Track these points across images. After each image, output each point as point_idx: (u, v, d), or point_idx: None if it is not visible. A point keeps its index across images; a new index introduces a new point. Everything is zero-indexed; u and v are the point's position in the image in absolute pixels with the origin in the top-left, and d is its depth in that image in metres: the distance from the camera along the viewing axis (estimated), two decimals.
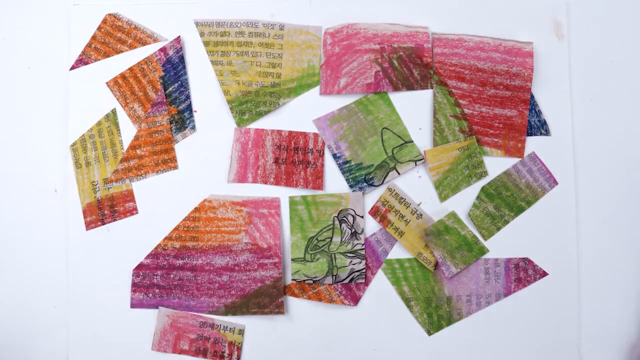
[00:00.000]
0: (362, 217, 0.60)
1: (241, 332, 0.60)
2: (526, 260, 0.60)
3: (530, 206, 0.61)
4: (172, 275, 0.60)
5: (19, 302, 0.61)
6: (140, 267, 0.60)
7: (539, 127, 0.61)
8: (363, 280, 0.60)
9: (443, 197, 0.61)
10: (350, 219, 0.60)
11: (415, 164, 0.60)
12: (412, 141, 0.61)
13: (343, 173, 0.60)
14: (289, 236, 0.60)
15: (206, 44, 0.61)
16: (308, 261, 0.60)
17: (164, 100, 0.60)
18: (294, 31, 0.60)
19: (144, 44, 0.61)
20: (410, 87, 0.61)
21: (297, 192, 0.60)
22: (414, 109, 0.61)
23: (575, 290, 0.60)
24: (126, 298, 0.60)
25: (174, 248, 0.60)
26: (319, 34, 0.61)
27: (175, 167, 0.61)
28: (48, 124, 0.62)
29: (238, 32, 0.60)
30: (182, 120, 0.61)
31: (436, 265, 0.60)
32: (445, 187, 0.60)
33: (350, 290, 0.60)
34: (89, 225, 0.60)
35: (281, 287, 0.59)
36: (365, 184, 0.60)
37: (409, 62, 0.60)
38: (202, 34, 0.61)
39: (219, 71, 0.60)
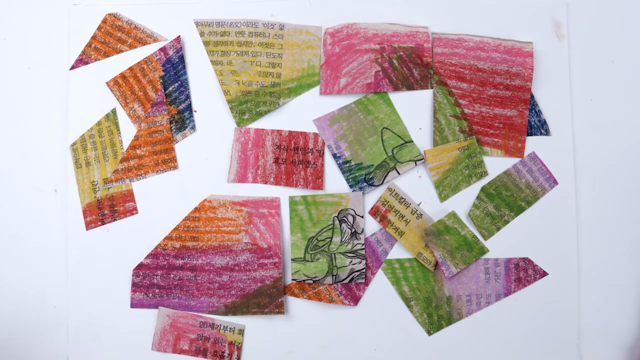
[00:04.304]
0: (362, 217, 0.60)
1: (241, 332, 0.60)
2: (526, 260, 0.60)
3: (530, 206, 0.61)
4: (172, 275, 0.60)
5: (19, 302, 0.61)
6: (140, 267, 0.60)
7: (539, 127, 0.61)
8: (363, 280, 0.60)
9: (443, 197, 0.60)
10: (350, 219, 0.60)
11: (415, 164, 0.60)
12: (412, 141, 0.61)
13: (343, 173, 0.60)
14: (289, 236, 0.60)
15: (206, 43, 0.60)
16: (308, 261, 0.60)
17: (164, 100, 0.60)
18: (294, 31, 0.60)
19: (144, 43, 0.61)
20: (410, 87, 0.61)
21: (297, 192, 0.60)
22: (414, 109, 0.61)
23: (575, 290, 0.60)
24: (126, 298, 0.60)
25: (174, 248, 0.60)
26: (319, 34, 0.61)
27: (175, 167, 0.61)
28: (48, 124, 0.62)
29: (238, 32, 0.60)
30: (182, 120, 0.61)
31: (436, 265, 0.60)
32: (445, 187, 0.60)
33: (350, 290, 0.60)
34: (89, 225, 0.60)
35: (281, 287, 0.59)
36: (365, 184, 0.60)
37: (409, 62, 0.60)
38: (202, 34, 0.60)
39: (219, 71, 0.60)
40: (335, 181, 0.60)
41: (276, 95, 0.61)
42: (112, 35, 0.61)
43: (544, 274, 0.60)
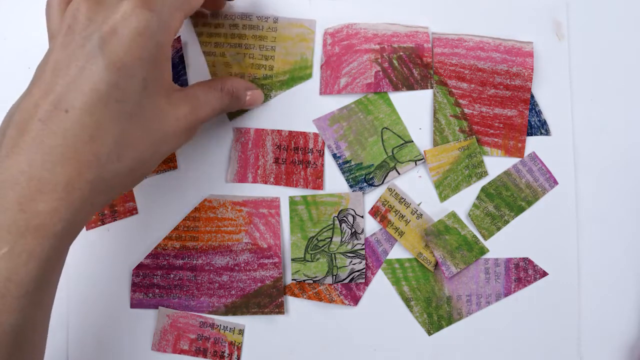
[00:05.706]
0: (362, 217, 0.60)
1: (241, 332, 0.60)
2: (526, 260, 0.60)
3: (530, 206, 0.61)
4: (172, 275, 0.60)
5: None
6: (140, 267, 0.60)
7: (539, 127, 0.61)
8: (363, 280, 0.60)
9: (443, 197, 0.60)
10: (350, 219, 0.60)
11: (415, 164, 0.60)
12: (412, 141, 0.61)
13: (343, 173, 0.60)
14: (289, 236, 0.60)
15: (199, 34, 0.60)
16: (308, 261, 0.60)
17: None
18: (288, 24, 0.60)
19: None
20: (410, 87, 0.61)
21: (297, 192, 0.60)
22: (414, 109, 0.61)
23: (575, 290, 0.60)
24: (126, 298, 0.60)
25: (174, 248, 0.60)
26: (313, 27, 0.60)
27: (175, 167, 0.61)
28: None
29: (232, 24, 0.60)
30: None
31: (436, 265, 0.60)
32: (445, 187, 0.60)
33: (350, 290, 0.60)
34: (88, 225, 0.60)
35: (281, 287, 0.59)
36: (365, 184, 0.60)
37: (409, 62, 0.60)
38: (195, 24, 0.60)
39: (211, 62, 0.60)
40: (335, 181, 0.60)
41: (268, 88, 0.60)
42: None
43: (544, 274, 0.60)
